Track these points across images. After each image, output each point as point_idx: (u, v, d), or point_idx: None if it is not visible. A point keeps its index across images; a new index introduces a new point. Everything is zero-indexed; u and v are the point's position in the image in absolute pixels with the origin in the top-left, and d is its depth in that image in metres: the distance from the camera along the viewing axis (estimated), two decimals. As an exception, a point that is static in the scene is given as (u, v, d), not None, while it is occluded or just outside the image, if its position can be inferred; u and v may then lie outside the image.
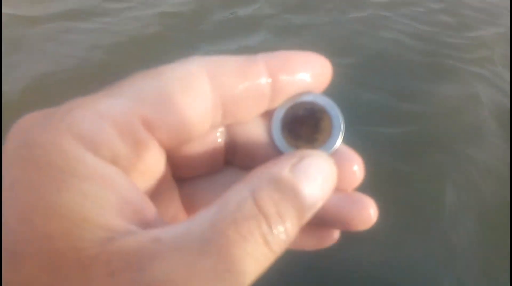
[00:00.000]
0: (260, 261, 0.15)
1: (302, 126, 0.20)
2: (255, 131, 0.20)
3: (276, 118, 0.20)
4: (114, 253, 0.13)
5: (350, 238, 0.24)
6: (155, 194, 0.18)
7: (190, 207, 0.21)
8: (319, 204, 0.17)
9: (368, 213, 0.19)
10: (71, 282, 0.13)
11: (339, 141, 0.20)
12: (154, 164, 0.17)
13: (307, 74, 0.19)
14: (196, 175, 0.21)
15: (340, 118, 0.20)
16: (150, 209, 0.16)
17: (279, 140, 0.20)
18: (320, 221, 0.19)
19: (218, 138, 0.20)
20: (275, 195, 0.16)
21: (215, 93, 0.18)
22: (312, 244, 0.21)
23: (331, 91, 0.21)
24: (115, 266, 0.13)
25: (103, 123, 0.15)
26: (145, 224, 0.15)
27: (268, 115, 0.20)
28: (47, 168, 0.14)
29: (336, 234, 0.21)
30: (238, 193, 0.16)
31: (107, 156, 0.15)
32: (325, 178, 0.18)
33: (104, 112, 0.16)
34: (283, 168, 0.17)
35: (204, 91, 0.17)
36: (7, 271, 0.13)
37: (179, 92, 0.17)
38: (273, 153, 0.20)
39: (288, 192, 0.16)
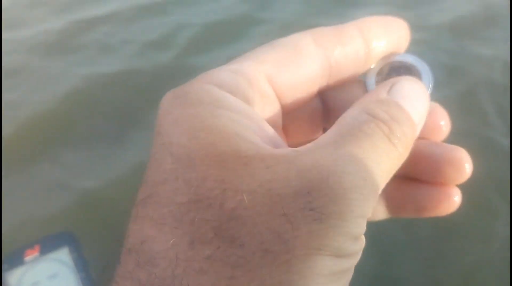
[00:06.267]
0: (390, 156, 0.17)
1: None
2: (347, 95, 0.23)
3: (371, 77, 0.23)
4: (266, 154, 0.17)
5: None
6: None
7: None
8: (421, 122, 0.20)
9: (463, 165, 0.20)
10: (237, 172, 0.16)
11: (429, 92, 0.22)
12: (273, 115, 0.20)
13: (392, 36, 0.22)
14: (299, 142, 0.24)
15: (430, 73, 0.22)
16: (278, 137, 0.19)
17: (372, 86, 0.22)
18: (418, 172, 0.21)
19: (317, 104, 0.23)
20: (384, 108, 0.18)
21: (321, 56, 0.21)
22: (435, 208, 0.21)
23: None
24: (269, 162, 0.16)
25: (237, 76, 0.19)
26: (277, 146, 0.18)
27: (359, 80, 0.23)
28: (201, 104, 0.18)
29: (456, 198, 0.21)
30: (349, 112, 0.19)
31: (243, 98, 0.19)
32: (419, 97, 0.20)
33: (236, 70, 0.19)
34: (380, 93, 0.19)
35: (312, 53, 0.20)
36: (187, 172, 0.16)
37: (292, 55, 0.20)
38: None
39: (393, 105, 0.19)
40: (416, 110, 0.19)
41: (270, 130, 0.19)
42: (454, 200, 0.21)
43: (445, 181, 0.21)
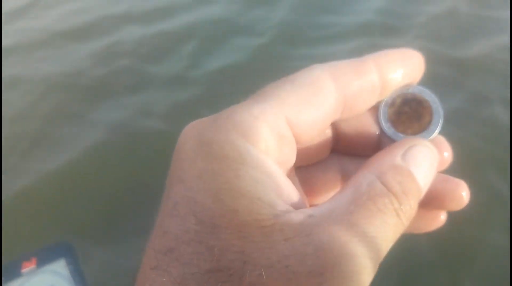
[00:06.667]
0: (395, 230, 0.19)
1: (406, 115, 0.23)
2: (355, 121, 0.24)
3: (384, 109, 0.24)
4: (284, 224, 0.17)
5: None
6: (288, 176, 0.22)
7: (310, 189, 0.25)
8: (428, 186, 0.21)
9: (460, 194, 0.22)
10: (257, 245, 0.17)
11: (438, 129, 0.23)
12: (289, 155, 0.21)
13: (407, 68, 0.23)
14: (310, 162, 0.25)
15: (440, 108, 0.23)
16: (295, 193, 0.20)
17: (387, 127, 0.23)
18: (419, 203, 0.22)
19: (329, 130, 0.24)
20: (398, 178, 0.19)
21: (338, 92, 0.21)
22: (423, 226, 0.24)
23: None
24: (287, 233, 0.17)
25: (258, 122, 0.19)
26: (295, 205, 0.19)
27: (370, 109, 0.24)
28: (225, 160, 0.18)
29: (442, 217, 0.24)
30: (366, 177, 0.19)
31: (263, 149, 0.19)
32: (430, 164, 0.21)
33: (257, 115, 0.19)
34: (395, 156, 0.20)
35: (330, 91, 0.21)
36: (211, 239, 0.17)
37: (310, 94, 0.21)
38: (372, 139, 0.24)
39: (406, 175, 0.20)
40: (426, 178, 0.21)
41: (289, 187, 0.20)
42: (442, 219, 0.24)
43: (442, 209, 0.23)
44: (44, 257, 0.69)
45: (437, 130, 0.23)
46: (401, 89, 0.23)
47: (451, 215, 0.24)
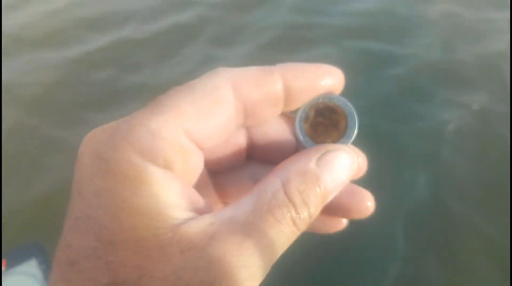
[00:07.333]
0: (290, 237, 0.20)
1: (322, 125, 0.24)
2: (271, 130, 0.24)
3: (299, 125, 0.24)
4: (183, 235, 0.18)
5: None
6: (197, 187, 0.23)
7: (223, 194, 0.26)
8: (338, 190, 0.22)
9: (365, 204, 0.24)
10: (153, 259, 0.18)
11: (355, 131, 0.23)
12: (194, 164, 0.22)
13: (317, 82, 0.23)
14: (225, 169, 0.26)
15: (353, 111, 0.24)
16: (199, 199, 0.21)
17: (306, 142, 0.24)
18: (325, 210, 0.22)
19: (241, 137, 0.24)
20: (301, 187, 0.20)
21: (237, 101, 0.22)
22: (324, 228, 0.25)
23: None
24: (184, 245, 0.18)
25: (156, 138, 0.20)
26: (199, 211, 0.20)
27: (284, 115, 0.24)
28: (123, 178, 0.19)
29: (343, 222, 0.25)
30: (272, 184, 0.20)
31: (161, 164, 0.20)
32: (346, 168, 0.22)
33: (155, 130, 0.20)
34: (310, 161, 0.21)
35: (229, 101, 0.21)
36: (108, 255, 0.18)
37: (209, 104, 0.21)
38: (289, 148, 0.24)
39: (313, 182, 0.20)
40: (337, 182, 0.21)
41: (192, 195, 0.20)
42: (343, 223, 0.25)
43: (347, 218, 0.25)
44: (14, 258, 0.69)
45: (354, 133, 0.23)
46: (312, 101, 0.23)
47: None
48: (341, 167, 0.21)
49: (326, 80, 0.23)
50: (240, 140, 0.25)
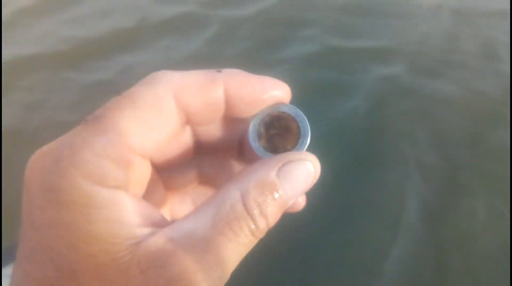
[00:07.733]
0: (248, 246, 0.20)
1: (277, 136, 0.24)
2: (214, 131, 0.25)
3: (255, 145, 0.24)
4: (141, 255, 0.19)
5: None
6: (147, 191, 0.24)
7: (170, 188, 0.27)
8: (299, 195, 0.22)
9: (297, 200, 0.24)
10: (114, 283, 0.18)
11: (307, 143, 0.24)
12: (143, 173, 0.22)
13: (261, 95, 0.23)
14: (173, 166, 0.26)
15: (302, 116, 0.24)
16: (155, 212, 0.21)
17: (256, 145, 0.24)
18: None
19: (187, 136, 0.25)
20: (260, 198, 0.20)
21: (180, 111, 0.22)
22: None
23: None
24: (143, 265, 0.18)
25: (102, 160, 0.20)
26: (156, 224, 0.20)
27: (227, 119, 0.25)
28: (74, 206, 0.19)
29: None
30: (231, 194, 0.21)
31: (111, 185, 0.20)
32: (307, 177, 0.22)
33: (100, 152, 0.20)
34: (270, 171, 0.21)
35: (171, 112, 0.22)
36: (70, 284, 0.18)
37: (152, 117, 0.21)
38: (233, 140, 0.25)
39: (272, 193, 0.21)
40: (297, 190, 0.22)
41: (145, 209, 0.21)
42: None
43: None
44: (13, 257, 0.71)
45: (308, 138, 0.24)
46: (258, 117, 0.24)
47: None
48: (303, 176, 0.22)
49: (271, 93, 0.23)
50: (186, 139, 0.25)
